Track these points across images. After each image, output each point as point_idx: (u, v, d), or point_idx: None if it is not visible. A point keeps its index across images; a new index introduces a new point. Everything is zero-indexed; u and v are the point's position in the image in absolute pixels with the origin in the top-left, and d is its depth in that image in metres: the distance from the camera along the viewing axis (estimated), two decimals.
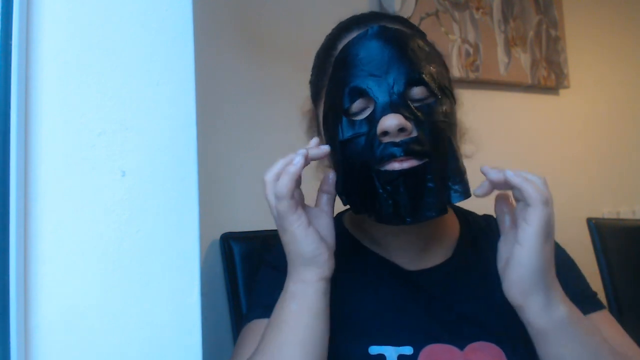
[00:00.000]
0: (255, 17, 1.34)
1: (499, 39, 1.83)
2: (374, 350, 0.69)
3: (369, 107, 0.66)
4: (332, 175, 0.68)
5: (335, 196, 0.70)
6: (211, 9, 1.25)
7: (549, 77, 1.95)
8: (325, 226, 0.68)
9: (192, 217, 0.59)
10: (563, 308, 0.61)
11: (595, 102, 2.15)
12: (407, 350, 0.69)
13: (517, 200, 0.62)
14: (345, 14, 0.74)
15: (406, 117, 0.63)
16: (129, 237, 0.56)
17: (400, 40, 0.67)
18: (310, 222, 0.65)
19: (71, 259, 0.54)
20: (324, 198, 0.69)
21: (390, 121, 0.62)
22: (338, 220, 0.82)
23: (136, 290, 0.56)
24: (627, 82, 2.25)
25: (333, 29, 0.76)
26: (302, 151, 0.64)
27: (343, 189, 0.69)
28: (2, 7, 0.53)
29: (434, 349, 0.69)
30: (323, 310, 0.66)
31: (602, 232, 1.48)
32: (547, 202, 0.59)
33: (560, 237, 0.81)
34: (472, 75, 1.74)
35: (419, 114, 0.65)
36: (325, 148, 0.67)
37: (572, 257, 0.79)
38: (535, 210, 0.59)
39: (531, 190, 0.59)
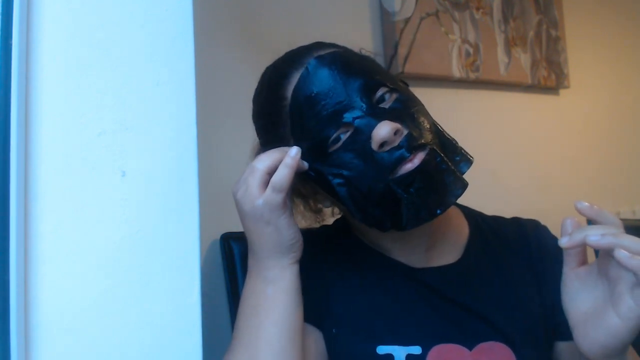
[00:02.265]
0: (255, 17, 1.34)
1: (499, 39, 1.83)
2: (382, 350, 0.69)
3: (348, 131, 0.65)
4: (295, 151, 0.64)
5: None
6: (211, 9, 1.25)
7: (549, 77, 1.95)
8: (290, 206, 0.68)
9: (192, 217, 0.59)
10: None
11: (595, 102, 2.15)
12: (416, 350, 0.69)
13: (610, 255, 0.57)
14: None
15: (392, 120, 0.63)
16: (129, 237, 0.56)
17: (340, 60, 0.67)
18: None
19: (71, 259, 0.54)
20: None
21: (384, 130, 0.62)
22: (344, 220, 0.82)
23: (136, 290, 0.56)
24: (627, 82, 2.25)
25: (264, 85, 0.74)
26: (296, 148, 0.64)
27: (363, 216, 0.68)
28: (2, 7, 0.53)
29: (442, 349, 0.69)
30: (298, 290, 0.67)
31: None
32: None
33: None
34: (472, 75, 1.74)
35: (397, 112, 0.65)
36: (306, 165, 0.67)
37: None
38: None
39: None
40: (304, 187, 0.74)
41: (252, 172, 0.64)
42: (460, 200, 0.67)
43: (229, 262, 1.13)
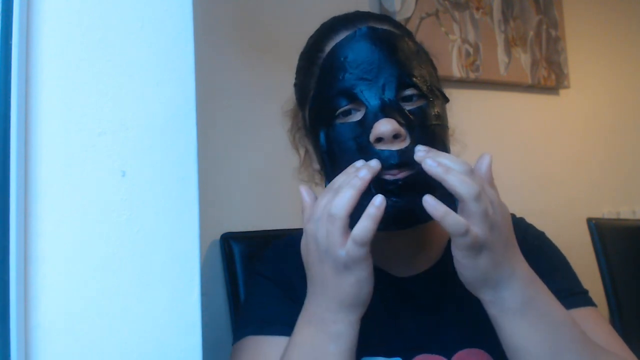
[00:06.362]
0: (255, 18, 1.34)
1: (499, 39, 1.83)
2: None
3: (359, 111, 0.64)
4: (380, 200, 0.58)
5: None
6: (211, 9, 1.25)
7: (549, 77, 1.95)
8: None
9: (192, 217, 0.59)
10: (519, 296, 0.59)
11: (596, 102, 2.15)
12: None
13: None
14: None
15: (399, 122, 0.61)
16: (129, 237, 0.56)
17: (390, 42, 0.65)
18: None
19: (71, 259, 0.54)
20: None
21: (385, 127, 0.60)
22: None
23: (136, 290, 0.56)
24: (627, 82, 2.26)
25: (317, 30, 0.73)
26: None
27: None
28: (2, 7, 0.53)
29: None
30: (356, 347, 0.62)
31: (602, 232, 1.48)
32: (479, 196, 0.55)
33: (560, 237, 0.81)
34: (472, 75, 1.74)
35: (411, 117, 0.63)
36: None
37: (572, 256, 0.78)
38: (468, 206, 0.55)
39: (457, 185, 0.55)
40: (310, 142, 0.72)
41: (332, 221, 0.57)
42: None
43: (229, 262, 1.13)
